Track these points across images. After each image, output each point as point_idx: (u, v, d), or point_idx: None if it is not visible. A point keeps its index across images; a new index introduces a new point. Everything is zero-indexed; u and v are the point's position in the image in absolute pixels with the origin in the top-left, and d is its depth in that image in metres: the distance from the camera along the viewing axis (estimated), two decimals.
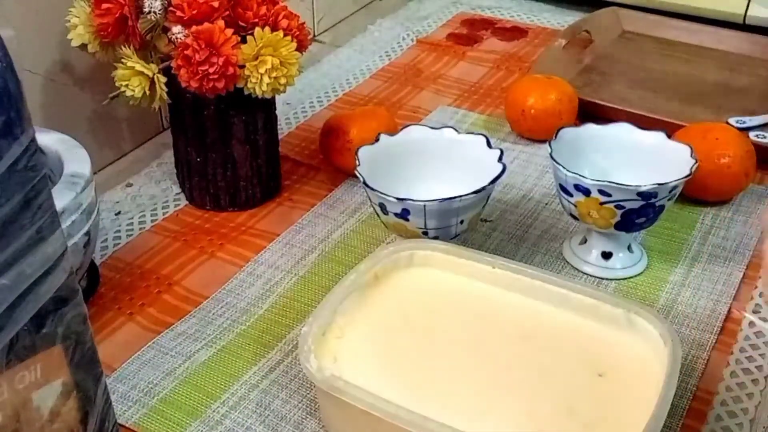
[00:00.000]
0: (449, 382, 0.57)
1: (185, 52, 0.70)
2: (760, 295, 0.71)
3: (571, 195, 0.70)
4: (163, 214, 0.83)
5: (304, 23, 0.77)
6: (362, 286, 0.63)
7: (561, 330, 0.60)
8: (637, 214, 0.69)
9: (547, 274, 0.63)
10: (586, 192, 0.68)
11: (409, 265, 0.65)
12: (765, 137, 0.88)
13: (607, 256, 0.74)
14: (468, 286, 0.64)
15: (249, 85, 0.72)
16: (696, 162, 0.69)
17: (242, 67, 0.72)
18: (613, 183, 0.67)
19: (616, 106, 0.92)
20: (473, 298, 0.63)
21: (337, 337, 0.59)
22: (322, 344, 0.58)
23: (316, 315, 0.59)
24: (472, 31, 1.20)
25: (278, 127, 0.85)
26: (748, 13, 1.12)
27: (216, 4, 0.70)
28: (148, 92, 0.72)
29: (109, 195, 0.86)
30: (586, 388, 0.56)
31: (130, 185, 0.87)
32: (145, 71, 0.71)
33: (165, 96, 0.73)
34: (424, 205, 0.67)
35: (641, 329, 0.58)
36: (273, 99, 0.80)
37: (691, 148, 0.71)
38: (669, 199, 0.69)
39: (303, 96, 1.03)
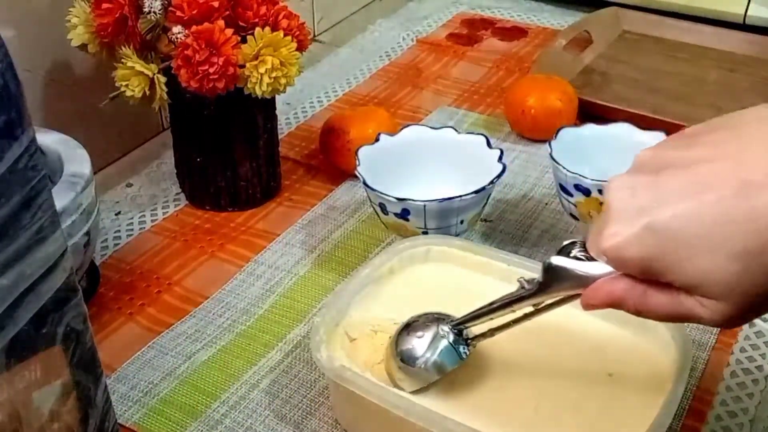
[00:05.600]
0: (459, 376, 0.57)
1: (185, 52, 0.70)
2: None
3: (571, 195, 0.70)
4: (163, 214, 0.83)
5: (304, 23, 0.77)
6: (377, 279, 0.63)
7: (573, 329, 0.60)
8: None
9: None
10: (586, 192, 0.68)
11: (424, 260, 0.65)
12: None
13: None
14: (483, 282, 0.64)
15: (249, 85, 0.72)
16: None
17: (242, 67, 0.72)
18: None
19: (616, 106, 0.92)
20: (488, 295, 0.63)
21: (353, 340, 0.59)
22: (334, 335, 0.59)
23: (330, 305, 0.60)
24: (472, 31, 1.20)
25: (278, 127, 0.85)
26: (748, 13, 1.12)
27: (216, 4, 0.70)
28: (148, 92, 0.72)
29: (109, 195, 0.86)
30: (595, 387, 0.56)
31: (130, 185, 0.87)
32: (145, 71, 0.71)
33: (165, 96, 0.73)
34: (424, 205, 0.67)
35: (653, 330, 0.58)
36: (273, 99, 0.80)
37: None
38: None
39: (303, 96, 1.03)
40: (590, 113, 0.91)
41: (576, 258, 0.45)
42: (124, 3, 0.70)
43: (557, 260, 0.46)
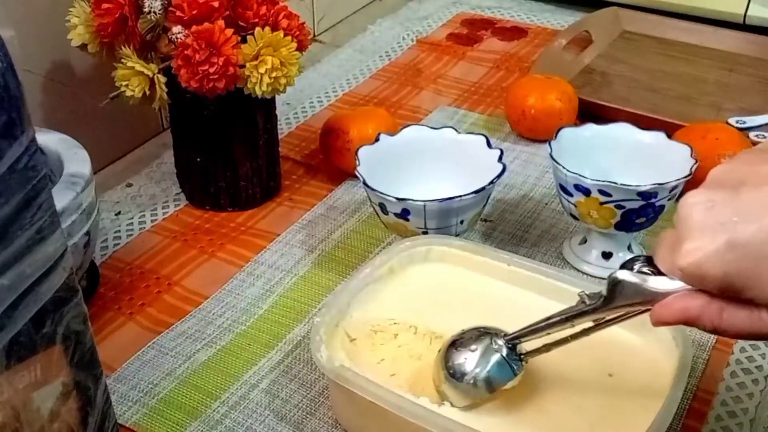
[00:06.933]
0: None
1: (185, 52, 0.70)
2: None
3: (571, 195, 0.70)
4: (163, 214, 0.83)
5: (304, 23, 0.77)
6: (377, 279, 0.63)
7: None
8: (637, 214, 0.69)
9: (563, 273, 0.63)
10: (586, 192, 0.68)
11: (425, 260, 0.66)
12: (765, 137, 0.88)
13: (607, 256, 0.74)
14: (483, 283, 0.64)
15: (249, 85, 0.72)
16: (696, 162, 0.69)
17: (242, 67, 0.72)
18: (613, 183, 0.67)
19: (616, 106, 0.92)
20: (488, 296, 0.63)
21: (353, 340, 0.60)
22: (334, 335, 0.59)
23: (330, 305, 0.60)
24: (472, 31, 1.20)
25: (278, 127, 0.85)
26: (748, 13, 1.12)
27: (216, 4, 0.70)
28: (148, 92, 0.72)
29: (109, 195, 0.86)
30: (596, 387, 0.56)
31: (130, 185, 0.87)
32: (145, 71, 0.71)
33: (165, 96, 0.73)
34: (424, 205, 0.67)
35: (653, 331, 0.57)
36: (273, 99, 0.80)
37: (691, 148, 0.71)
38: (669, 199, 0.69)
39: (303, 96, 1.03)
40: (590, 113, 0.91)
41: (641, 273, 0.44)
42: (124, 3, 0.70)
43: (624, 275, 0.44)
